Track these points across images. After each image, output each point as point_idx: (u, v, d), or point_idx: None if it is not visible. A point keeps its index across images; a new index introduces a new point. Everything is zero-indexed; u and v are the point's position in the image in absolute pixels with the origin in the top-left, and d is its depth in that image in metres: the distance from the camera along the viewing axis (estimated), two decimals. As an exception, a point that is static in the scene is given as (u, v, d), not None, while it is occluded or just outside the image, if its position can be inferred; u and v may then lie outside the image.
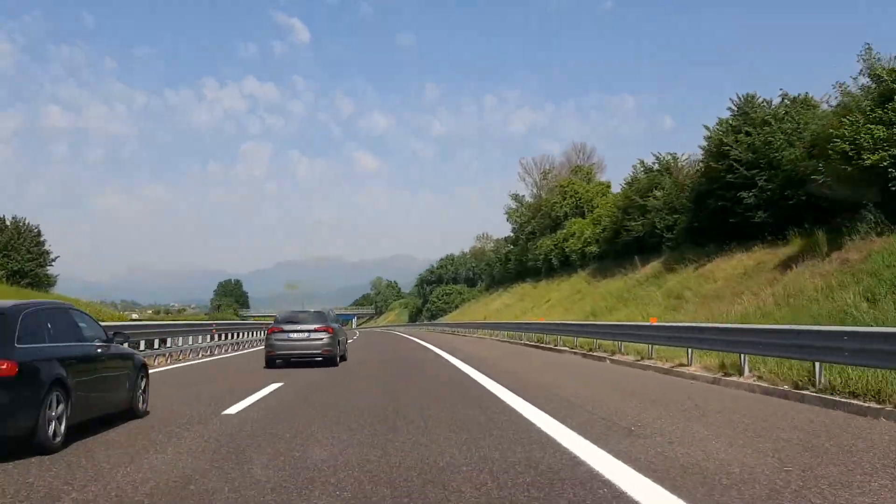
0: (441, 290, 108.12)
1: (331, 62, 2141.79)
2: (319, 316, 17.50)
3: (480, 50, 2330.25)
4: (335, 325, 17.73)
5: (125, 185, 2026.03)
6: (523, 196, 77.72)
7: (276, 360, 16.75)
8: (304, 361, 17.02)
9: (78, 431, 7.17)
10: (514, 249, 71.99)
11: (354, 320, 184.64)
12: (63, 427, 6.60)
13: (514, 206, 76.50)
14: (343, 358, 18.42)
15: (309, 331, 16.83)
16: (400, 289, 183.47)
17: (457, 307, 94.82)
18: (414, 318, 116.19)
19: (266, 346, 17.23)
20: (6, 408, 5.93)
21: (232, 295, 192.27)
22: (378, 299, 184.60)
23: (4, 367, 5.98)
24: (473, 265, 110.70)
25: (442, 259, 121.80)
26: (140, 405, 8.89)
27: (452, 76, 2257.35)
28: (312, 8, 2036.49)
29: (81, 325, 7.86)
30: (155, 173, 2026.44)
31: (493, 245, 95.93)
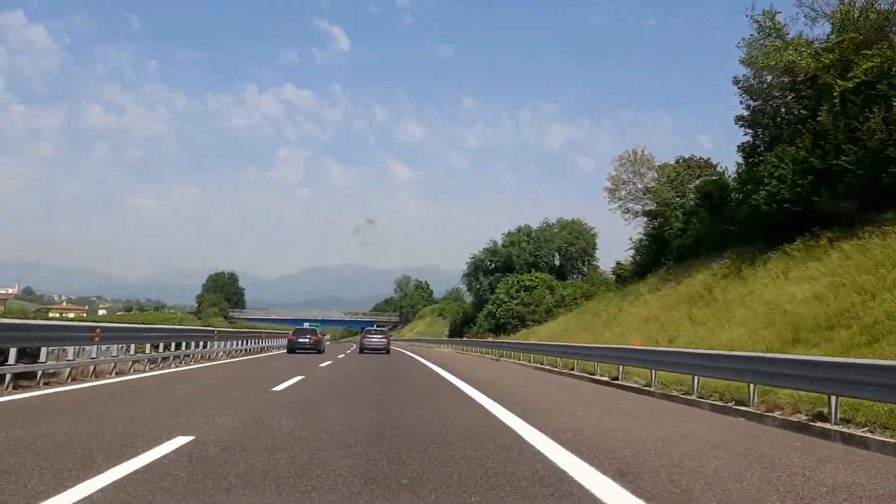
0: (515, 280, 67.96)
1: (369, 71, 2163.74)
2: None
3: (518, 64, 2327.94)
4: None
5: (161, 186, 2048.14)
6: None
7: None
8: None
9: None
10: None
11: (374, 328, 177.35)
12: None
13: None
14: None
15: None
16: (431, 291, 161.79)
17: (548, 312, 59.42)
18: (459, 328, 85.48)
19: None
20: None
21: (224, 291, 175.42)
22: (404, 304, 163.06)
23: None
24: (574, 239, 78.03)
25: (512, 233, 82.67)
26: None
27: (489, 89, 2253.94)
28: (354, 16, 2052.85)
29: None
30: (190, 176, 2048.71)
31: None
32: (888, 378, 8.61)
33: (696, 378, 14.12)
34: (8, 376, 11.63)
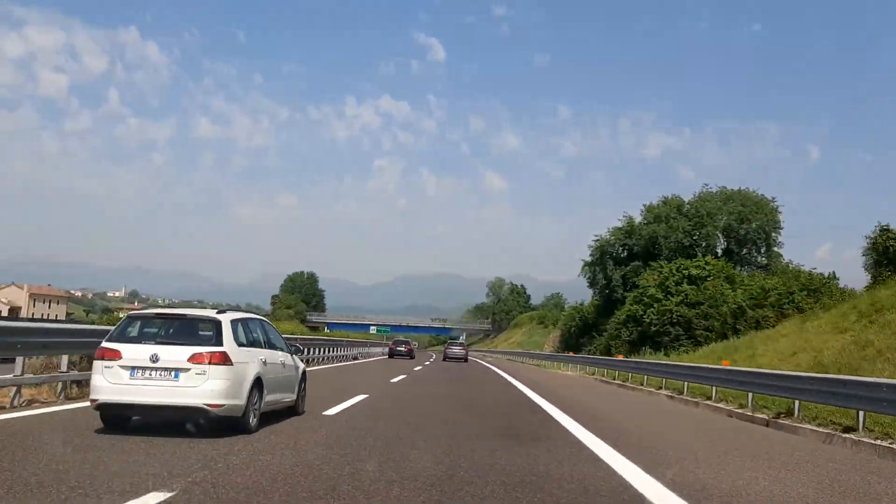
0: (673, 268, 47.61)
1: (464, 81, 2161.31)
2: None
3: (616, 71, 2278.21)
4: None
5: (263, 194, 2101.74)
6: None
7: None
8: None
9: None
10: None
11: (463, 338, 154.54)
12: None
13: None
14: None
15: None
16: (529, 296, 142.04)
17: (738, 317, 37.09)
18: (575, 338, 66.62)
19: None
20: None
21: (303, 292, 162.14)
22: (497, 310, 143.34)
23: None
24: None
25: (654, 205, 60.51)
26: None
27: (585, 97, 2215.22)
28: (450, 27, 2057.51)
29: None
30: (291, 185, 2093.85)
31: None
32: None
33: None
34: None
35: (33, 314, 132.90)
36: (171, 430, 8.29)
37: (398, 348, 49.27)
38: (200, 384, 8.07)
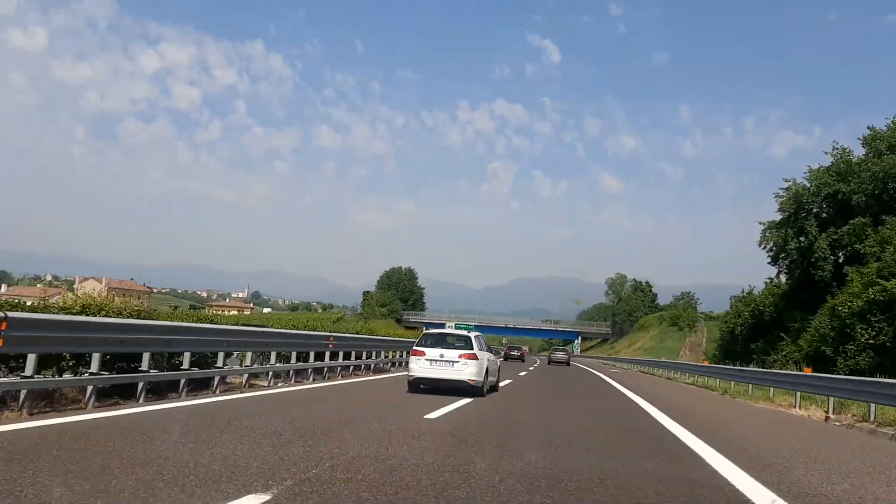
0: None
1: (580, 82, 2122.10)
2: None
3: (740, 68, 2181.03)
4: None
5: (381, 200, 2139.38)
6: None
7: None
8: None
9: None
10: None
11: (578, 342, 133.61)
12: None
13: None
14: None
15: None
16: (655, 295, 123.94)
17: None
18: (740, 346, 49.74)
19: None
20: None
21: (399, 289, 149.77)
22: (618, 310, 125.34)
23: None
24: None
25: (878, 132, 40.54)
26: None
27: (707, 96, 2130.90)
28: (566, 28, 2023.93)
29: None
30: (408, 191, 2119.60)
31: None
32: None
33: None
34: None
35: None
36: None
37: (512, 352, 60.68)
38: (464, 369, 15.44)
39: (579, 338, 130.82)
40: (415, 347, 16.05)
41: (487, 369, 16.15)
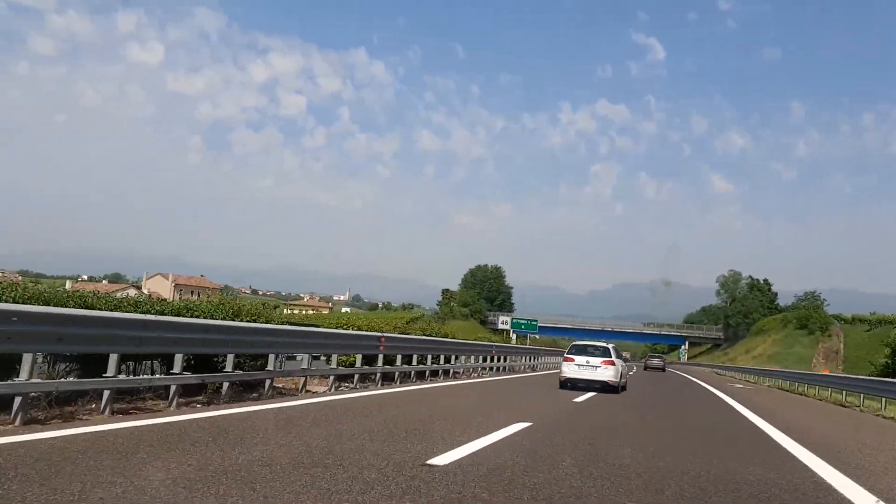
0: None
1: (686, 80, 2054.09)
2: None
3: (860, 61, 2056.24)
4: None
5: (481, 203, 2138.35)
6: None
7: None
8: None
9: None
10: None
11: (685, 347, 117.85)
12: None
13: None
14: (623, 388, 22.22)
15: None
16: (775, 294, 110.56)
17: None
18: None
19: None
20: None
21: (485, 288, 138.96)
22: (732, 311, 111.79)
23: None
24: None
25: None
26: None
27: (822, 92, 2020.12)
28: (671, 25, 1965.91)
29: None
30: (507, 194, 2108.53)
31: None
32: None
33: None
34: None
35: None
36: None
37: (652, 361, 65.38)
38: (605, 372, 20.50)
39: (686, 343, 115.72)
40: (566, 355, 21.87)
41: (621, 373, 21.83)
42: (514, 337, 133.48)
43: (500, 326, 58.49)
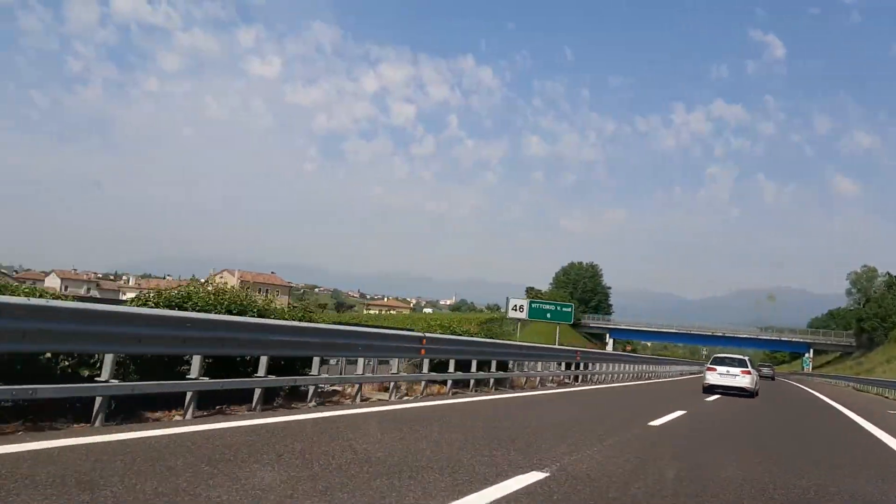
0: None
1: (808, 78, 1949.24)
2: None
3: None
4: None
5: (591, 208, 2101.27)
6: None
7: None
8: None
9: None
10: None
11: (809, 356, 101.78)
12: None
13: None
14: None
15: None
16: None
17: None
18: None
19: None
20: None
21: (578, 288, 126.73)
22: (867, 314, 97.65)
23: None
24: None
25: None
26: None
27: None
28: (790, 21, 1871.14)
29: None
30: (618, 198, 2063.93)
31: None
32: None
33: None
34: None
35: None
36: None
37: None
38: (743, 380, 25.14)
39: (810, 350, 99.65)
40: (708, 365, 26.73)
41: (755, 380, 26.66)
42: (610, 343, 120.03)
43: (512, 314, 45.21)
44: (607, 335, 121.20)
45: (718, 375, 25.36)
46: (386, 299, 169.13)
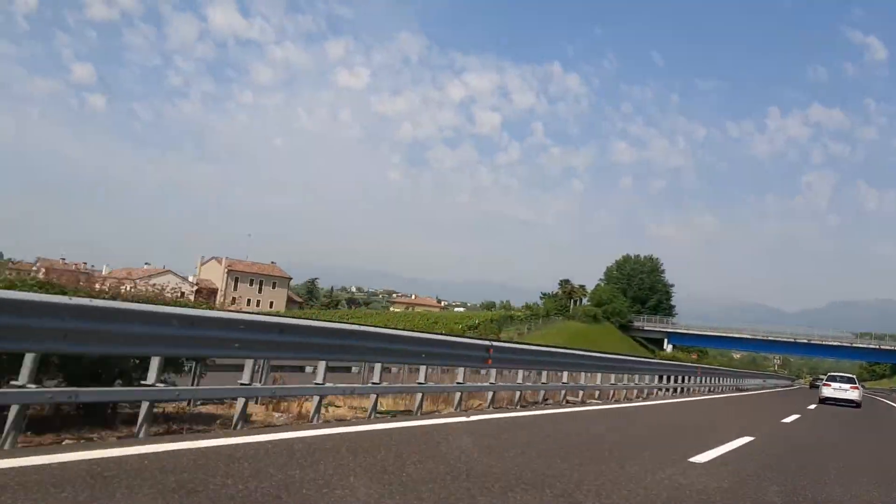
0: None
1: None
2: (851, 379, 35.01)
3: None
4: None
5: (678, 215, 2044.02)
6: None
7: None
8: None
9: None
10: None
11: None
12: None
13: None
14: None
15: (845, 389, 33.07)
16: None
17: None
18: None
19: None
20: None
21: (632, 285, 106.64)
22: None
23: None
24: None
25: None
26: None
27: None
28: (892, 21, 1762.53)
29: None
30: (707, 204, 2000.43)
31: None
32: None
33: None
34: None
35: (234, 299, 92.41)
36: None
37: (815, 382, 75.28)
38: (853, 394, 31.79)
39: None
40: (825, 382, 34.23)
41: (862, 394, 33.56)
42: (668, 349, 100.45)
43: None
44: (665, 340, 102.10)
45: (832, 389, 32.33)
46: (414, 297, 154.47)
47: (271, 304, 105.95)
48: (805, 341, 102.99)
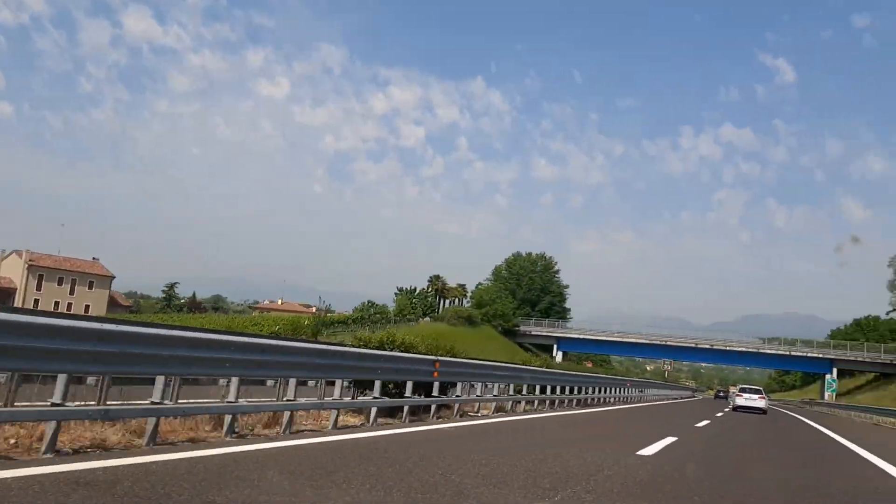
0: None
1: (819, 102, 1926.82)
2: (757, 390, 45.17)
3: None
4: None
5: (598, 231, 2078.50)
6: None
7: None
8: None
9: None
10: None
11: (832, 376, 68.32)
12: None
13: None
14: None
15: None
16: None
17: None
18: None
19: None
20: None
21: (523, 285, 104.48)
22: None
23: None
24: None
25: None
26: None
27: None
28: (802, 45, 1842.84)
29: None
30: (626, 221, 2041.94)
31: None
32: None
33: None
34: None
35: (37, 301, 75.73)
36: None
37: (720, 393, 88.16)
38: (759, 402, 37.87)
39: (834, 370, 65.84)
40: (736, 392, 44.53)
41: (767, 403, 41.54)
42: (559, 356, 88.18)
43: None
44: (555, 346, 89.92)
45: (744, 399, 37.96)
46: (280, 302, 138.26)
47: (87, 307, 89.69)
48: (707, 346, 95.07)
